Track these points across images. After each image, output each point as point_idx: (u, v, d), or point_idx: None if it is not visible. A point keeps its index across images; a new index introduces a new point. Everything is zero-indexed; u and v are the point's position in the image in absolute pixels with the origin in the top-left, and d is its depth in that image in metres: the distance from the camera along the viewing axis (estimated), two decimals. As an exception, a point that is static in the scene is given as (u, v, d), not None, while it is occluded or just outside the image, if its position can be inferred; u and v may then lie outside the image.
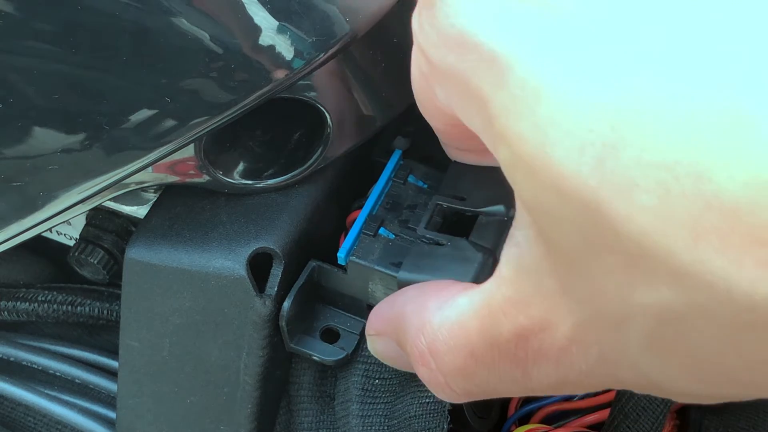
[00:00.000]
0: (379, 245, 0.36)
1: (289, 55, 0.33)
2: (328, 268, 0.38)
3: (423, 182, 0.38)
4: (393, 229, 0.37)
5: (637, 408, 0.37)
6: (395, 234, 0.36)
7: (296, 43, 0.33)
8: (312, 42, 0.33)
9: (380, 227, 0.37)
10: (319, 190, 0.39)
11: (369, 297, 0.37)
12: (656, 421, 0.37)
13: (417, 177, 0.38)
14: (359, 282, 0.37)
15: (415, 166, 0.39)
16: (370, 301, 0.37)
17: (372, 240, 0.36)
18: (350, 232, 0.37)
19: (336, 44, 0.33)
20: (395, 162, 0.39)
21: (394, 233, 0.36)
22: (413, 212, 0.37)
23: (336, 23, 0.33)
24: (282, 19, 0.32)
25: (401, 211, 0.37)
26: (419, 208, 0.37)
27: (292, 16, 0.32)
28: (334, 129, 0.36)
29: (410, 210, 0.37)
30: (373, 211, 0.37)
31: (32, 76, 0.32)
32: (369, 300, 0.37)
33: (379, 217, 0.37)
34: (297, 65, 0.33)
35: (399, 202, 0.38)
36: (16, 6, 0.30)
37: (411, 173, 0.38)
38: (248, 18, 0.32)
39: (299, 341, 0.38)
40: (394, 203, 0.38)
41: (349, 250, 0.36)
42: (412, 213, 0.37)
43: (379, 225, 0.37)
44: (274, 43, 0.32)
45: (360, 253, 0.36)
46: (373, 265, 0.36)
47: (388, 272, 0.35)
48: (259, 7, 0.32)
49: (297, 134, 0.38)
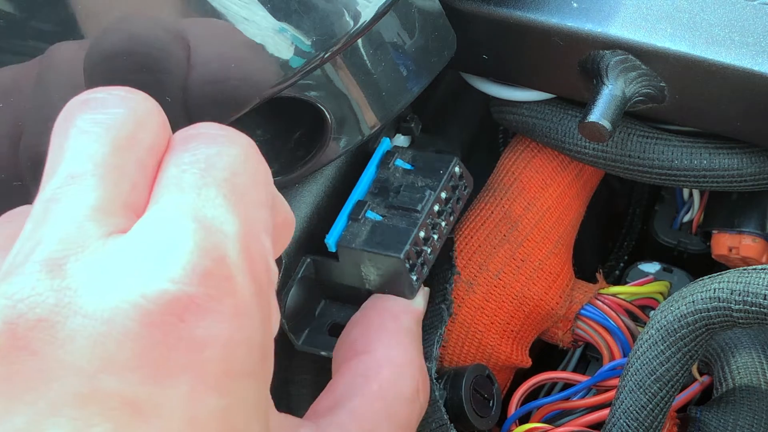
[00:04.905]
0: (366, 228, 0.37)
1: (289, 55, 0.33)
2: (321, 260, 0.38)
3: (410, 165, 0.39)
4: (380, 211, 0.37)
5: (637, 407, 0.37)
6: (382, 215, 0.37)
7: (296, 42, 0.33)
8: (312, 41, 0.33)
9: (367, 211, 0.37)
10: (319, 189, 0.39)
11: (365, 282, 0.37)
12: (656, 420, 0.37)
13: (405, 160, 0.39)
14: (352, 267, 0.37)
15: (402, 150, 0.40)
16: (368, 286, 0.37)
17: (359, 224, 0.37)
18: (338, 219, 0.37)
19: (336, 43, 0.33)
20: (383, 150, 0.39)
21: (381, 215, 0.37)
22: (398, 193, 0.38)
23: (336, 22, 0.33)
24: (282, 19, 0.32)
25: (388, 193, 0.38)
26: (405, 189, 0.38)
27: (292, 16, 0.32)
28: (334, 128, 0.36)
29: (396, 192, 0.38)
30: (361, 198, 0.38)
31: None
32: (366, 286, 0.38)
33: (366, 201, 0.38)
34: (297, 64, 0.33)
35: (386, 186, 0.39)
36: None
37: (399, 158, 0.39)
38: (248, 17, 0.32)
39: (307, 339, 0.39)
40: (381, 188, 0.39)
41: (338, 236, 0.37)
42: (397, 194, 0.38)
43: (366, 209, 0.37)
44: (275, 43, 0.32)
45: (347, 237, 0.37)
46: (359, 246, 0.36)
47: (373, 251, 0.36)
48: (259, 6, 0.32)
49: (297, 134, 0.38)
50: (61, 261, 0.23)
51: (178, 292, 0.23)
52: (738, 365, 0.42)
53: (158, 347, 0.23)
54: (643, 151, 0.42)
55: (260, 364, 0.25)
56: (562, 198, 0.46)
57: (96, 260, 0.24)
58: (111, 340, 0.22)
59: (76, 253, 0.24)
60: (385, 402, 0.34)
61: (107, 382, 0.22)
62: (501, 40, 0.42)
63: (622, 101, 0.39)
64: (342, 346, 0.37)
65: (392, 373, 0.35)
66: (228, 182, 0.25)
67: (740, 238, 0.46)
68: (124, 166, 0.25)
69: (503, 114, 0.46)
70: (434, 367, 0.38)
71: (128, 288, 0.23)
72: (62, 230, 0.24)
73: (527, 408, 0.44)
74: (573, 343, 0.46)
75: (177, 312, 0.23)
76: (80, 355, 0.22)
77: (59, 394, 0.22)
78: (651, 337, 0.36)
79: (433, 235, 0.38)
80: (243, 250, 0.24)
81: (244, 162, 0.26)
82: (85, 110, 0.26)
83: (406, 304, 0.38)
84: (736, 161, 0.41)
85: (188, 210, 0.24)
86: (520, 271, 0.43)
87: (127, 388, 0.22)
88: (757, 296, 0.34)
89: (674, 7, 0.39)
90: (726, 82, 0.37)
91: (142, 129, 0.26)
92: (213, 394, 0.23)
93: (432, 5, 0.40)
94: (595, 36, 0.39)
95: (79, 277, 0.23)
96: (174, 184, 0.25)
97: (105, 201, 0.25)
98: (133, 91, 0.27)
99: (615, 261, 0.56)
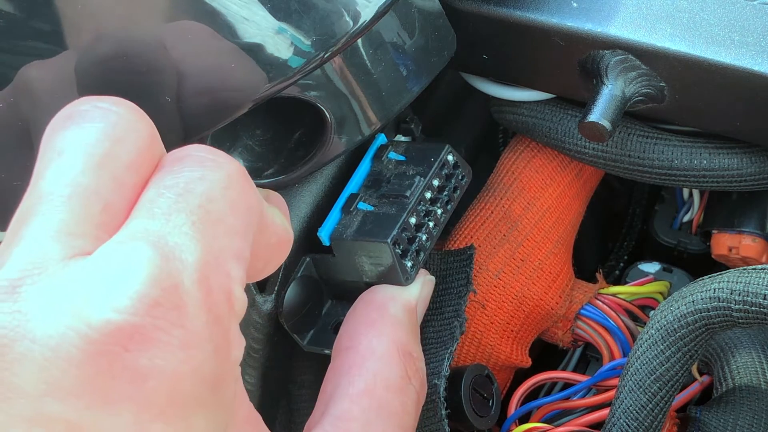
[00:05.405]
0: (357, 219, 0.37)
1: (289, 54, 0.33)
2: (320, 257, 0.38)
3: (403, 156, 0.39)
4: (371, 201, 0.37)
5: (637, 407, 0.37)
6: (374, 206, 0.37)
7: (296, 42, 0.33)
8: (312, 41, 0.33)
9: (359, 202, 0.37)
10: (319, 189, 0.39)
11: (363, 275, 0.37)
12: (655, 419, 0.37)
13: (398, 152, 0.39)
14: (347, 260, 0.37)
15: (396, 143, 0.40)
16: (365, 279, 0.37)
17: (351, 216, 0.37)
18: (330, 213, 0.37)
19: (336, 43, 0.33)
20: (377, 144, 0.40)
21: (373, 205, 0.37)
22: (389, 183, 0.38)
23: (336, 22, 0.33)
24: (282, 19, 0.32)
25: (381, 185, 0.38)
26: (395, 178, 0.38)
27: (292, 15, 0.32)
28: (334, 128, 0.36)
29: (387, 182, 0.38)
30: (354, 191, 0.38)
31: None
32: (364, 278, 0.37)
33: (359, 194, 0.38)
34: (297, 64, 0.33)
35: (379, 179, 0.39)
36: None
37: (392, 150, 0.39)
38: (248, 17, 0.32)
39: (312, 339, 0.39)
40: (375, 180, 0.39)
41: (330, 230, 0.37)
42: (388, 184, 0.38)
43: (358, 201, 0.37)
44: (274, 42, 0.32)
45: (339, 229, 0.37)
46: (350, 237, 0.36)
47: (363, 240, 0.36)
48: (258, 6, 0.32)
49: (297, 134, 0.38)
50: (18, 283, 0.24)
51: (122, 322, 0.23)
52: (738, 365, 0.42)
53: (101, 375, 0.23)
54: (643, 151, 0.42)
55: (212, 396, 0.25)
56: (561, 198, 0.46)
57: (52, 284, 0.24)
58: (56, 366, 0.23)
59: (33, 276, 0.24)
60: (373, 397, 0.34)
61: (52, 406, 0.23)
62: (501, 40, 0.42)
63: (621, 101, 0.39)
64: (335, 345, 0.36)
65: (377, 364, 0.34)
66: (201, 208, 0.25)
67: (740, 238, 0.46)
68: (97, 186, 0.25)
69: (503, 114, 0.46)
70: (443, 384, 0.37)
71: (75, 315, 0.23)
72: (25, 251, 0.24)
73: (527, 408, 0.44)
74: (573, 343, 0.46)
75: (121, 342, 0.23)
76: (26, 378, 0.23)
77: (8, 416, 0.23)
78: (651, 337, 0.36)
79: (429, 222, 0.38)
80: (200, 280, 0.24)
81: (225, 188, 0.26)
82: (67, 125, 0.26)
83: (395, 292, 0.37)
84: (736, 161, 0.41)
85: (152, 236, 0.24)
86: (519, 271, 0.43)
87: (71, 413, 0.23)
88: (757, 296, 0.34)
89: (674, 7, 0.39)
90: (726, 82, 0.37)
91: (121, 145, 0.26)
92: (158, 423, 0.24)
93: (432, 5, 0.40)
94: (595, 36, 0.39)
95: (32, 300, 0.23)
96: (146, 207, 0.25)
97: (71, 223, 0.25)
98: (119, 102, 0.27)
99: (615, 261, 0.56)
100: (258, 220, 0.27)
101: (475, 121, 0.52)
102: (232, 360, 0.26)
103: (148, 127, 0.27)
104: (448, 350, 0.38)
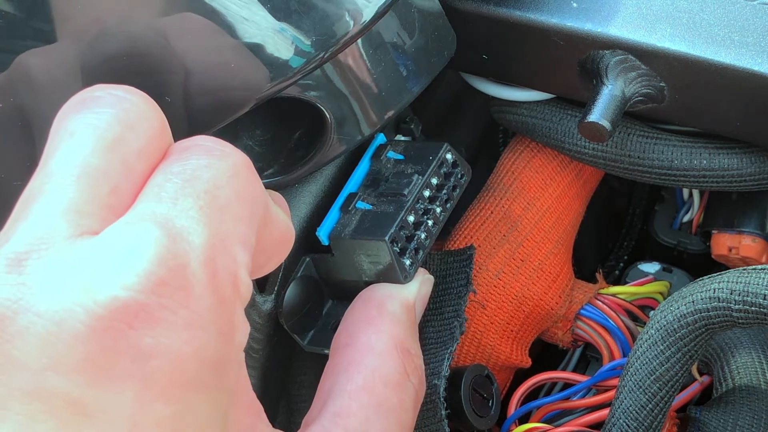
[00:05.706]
0: (356, 218, 0.37)
1: (289, 54, 0.33)
2: (320, 257, 0.38)
3: (402, 155, 0.39)
4: (370, 200, 0.37)
5: (636, 407, 0.37)
6: (372, 205, 0.37)
7: (296, 42, 0.33)
8: (312, 41, 0.33)
9: (357, 201, 0.38)
10: (319, 189, 0.39)
11: (362, 274, 0.37)
12: (655, 420, 0.37)
13: (396, 151, 0.39)
14: (346, 259, 0.37)
15: (395, 142, 0.40)
16: (365, 278, 0.37)
17: (349, 215, 0.37)
18: (329, 212, 0.38)
19: (336, 43, 0.33)
20: (376, 144, 0.40)
21: (371, 204, 0.37)
22: (388, 182, 0.38)
23: (336, 22, 0.33)
24: (282, 19, 0.32)
25: (379, 184, 0.38)
26: (393, 177, 0.38)
27: (292, 16, 0.32)
28: (334, 128, 0.36)
29: (386, 181, 0.38)
30: (353, 190, 0.38)
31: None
32: (363, 278, 0.37)
33: (357, 193, 0.38)
34: (297, 64, 0.33)
35: (377, 178, 0.39)
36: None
37: (391, 149, 0.39)
38: (248, 17, 0.32)
39: (313, 339, 0.39)
40: (373, 179, 0.39)
41: (329, 229, 0.37)
42: (386, 183, 0.38)
43: (356, 200, 0.38)
44: (274, 42, 0.32)
45: (338, 228, 0.37)
46: (349, 236, 0.37)
47: (361, 238, 0.36)
48: (258, 6, 0.32)
49: (297, 134, 0.38)
50: (23, 257, 0.24)
51: (128, 300, 0.23)
52: (738, 365, 0.42)
53: (106, 352, 0.23)
54: (643, 151, 0.42)
55: (214, 378, 0.25)
56: (561, 198, 0.46)
57: (58, 260, 0.24)
58: (60, 341, 0.23)
59: (40, 250, 0.24)
60: (371, 393, 0.34)
61: (53, 381, 0.23)
62: (501, 40, 0.42)
63: (621, 101, 0.39)
64: (333, 342, 0.36)
65: (375, 361, 0.34)
66: (208, 194, 0.25)
67: (740, 238, 0.46)
68: (106, 168, 0.25)
69: (503, 114, 0.46)
70: (443, 384, 0.37)
71: (82, 291, 0.23)
72: (32, 226, 0.24)
73: (527, 408, 0.44)
74: (573, 343, 0.46)
75: (127, 319, 0.23)
76: (28, 352, 0.23)
77: (7, 389, 0.23)
78: (651, 337, 0.36)
79: (428, 220, 0.38)
80: (206, 262, 0.25)
81: (231, 176, 0.26)
82: (79, 109, 0.26)
83: (393, 289, 0.37)
84: (736, 161, 0.41)
85: (159, 218, 0.24)
86: (519, 271, 0.43)
87: (73, 389, 0.23)
88: (757, 296, 0.34)
89: (674, 7, 0.39)
90: (726, 82, 0.37)
91: (132, 131, 0.26)
92: (159, 402, 0.23)
93: (432, 5, 0.40)
94: (594, 36, 0.39)
95: (37, 274, 0.23)
96: (154, 192, 0.25)
97: (80, 201, 0.25)
98: (133, 91, 0.27)
99: (615, 261, 0.56)
100: (262, 211, 0.28)
101: (475, 121, 0.52)
102: (236, 344, 0.26)
103: (158, 117, 0.27)
104: (448, 350, 0.38)
